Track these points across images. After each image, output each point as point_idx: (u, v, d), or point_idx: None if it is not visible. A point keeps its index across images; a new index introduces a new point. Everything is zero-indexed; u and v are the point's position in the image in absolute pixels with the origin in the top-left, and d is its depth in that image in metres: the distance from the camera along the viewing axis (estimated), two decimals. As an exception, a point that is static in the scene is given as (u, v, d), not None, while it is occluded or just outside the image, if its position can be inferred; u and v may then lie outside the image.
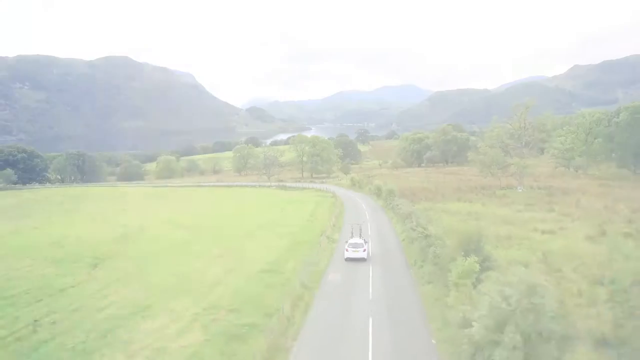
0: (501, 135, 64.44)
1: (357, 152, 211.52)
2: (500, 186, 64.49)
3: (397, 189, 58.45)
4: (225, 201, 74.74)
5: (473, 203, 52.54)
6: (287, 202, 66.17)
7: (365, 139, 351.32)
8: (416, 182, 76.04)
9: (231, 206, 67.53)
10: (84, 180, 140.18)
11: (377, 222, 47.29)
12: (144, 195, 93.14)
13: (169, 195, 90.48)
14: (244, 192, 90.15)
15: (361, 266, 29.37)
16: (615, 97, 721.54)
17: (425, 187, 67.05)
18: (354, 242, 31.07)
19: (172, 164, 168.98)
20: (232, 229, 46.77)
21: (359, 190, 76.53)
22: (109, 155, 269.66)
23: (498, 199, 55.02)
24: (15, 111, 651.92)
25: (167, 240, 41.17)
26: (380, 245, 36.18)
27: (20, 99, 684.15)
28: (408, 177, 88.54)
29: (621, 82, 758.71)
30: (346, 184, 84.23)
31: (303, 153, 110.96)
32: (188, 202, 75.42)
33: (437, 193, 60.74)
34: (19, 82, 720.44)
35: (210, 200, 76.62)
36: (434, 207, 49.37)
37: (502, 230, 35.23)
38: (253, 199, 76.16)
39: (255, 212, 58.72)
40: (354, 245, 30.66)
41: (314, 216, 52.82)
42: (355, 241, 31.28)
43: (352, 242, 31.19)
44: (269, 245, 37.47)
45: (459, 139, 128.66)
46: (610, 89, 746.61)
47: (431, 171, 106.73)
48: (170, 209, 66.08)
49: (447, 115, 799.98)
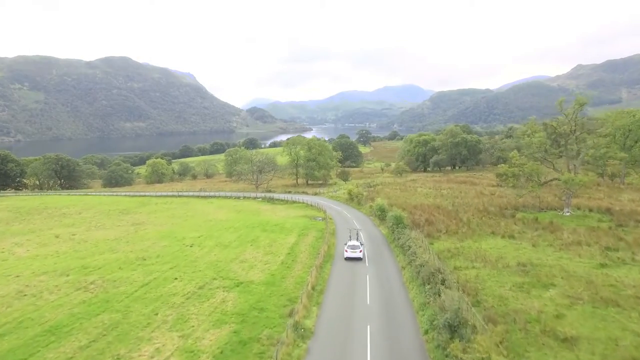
0: (544, 143, 48.30)
1: (358, 154, 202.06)
2: (539, 206, 51.64)
3: (404, 211, 46.02)
4: (183, 225, 56.31)
5: (517, 240, 37.69)
6: (263, 229, 50.02)
7: (366, 139, 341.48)
8: (427, 196, 63.76)
9: (181, 236, 48.69)
10: (64, 186, 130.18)
11: (380, 280, 31.50)
12: (91, 209, 74.38)
13: (116, 213, 69.25)
14: (220, 206, 72.41)
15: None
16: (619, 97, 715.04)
17: (439, 205, 54.26)
18: (352, 244, 37.39)
19: (161, 167, 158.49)
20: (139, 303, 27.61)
21: (357, 207, 63.01)
22: (101, 158, 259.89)
23: (549, 232, 39.69)
24: (14, 112, 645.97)
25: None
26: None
27: (19, 100, 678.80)
28: (415, 186, 77.12)
29: (625, 81, 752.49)
30: (343, 197, 71.58)
31: (297, 157, 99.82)
32: (130, 230, 54.46)
33: (459, 219, 45.86)
34: (17, 83, 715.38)
35: (164, 225, 56.91)
36: (462, 249, 35.44)
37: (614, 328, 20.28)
38: (222, 220, 58.57)
39: (205, 253, 40.29)
40: (352, 247, 36.91)
41: (287, 265, 35.62)
42: (353, 243, 37.64)
43: (351, 244, 37.57)
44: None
45: (469, 142, 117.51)
46: (614, 89, 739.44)
47: (440, 178, 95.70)
48: (89, 241, 48.22)
49: (449, 115, 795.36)
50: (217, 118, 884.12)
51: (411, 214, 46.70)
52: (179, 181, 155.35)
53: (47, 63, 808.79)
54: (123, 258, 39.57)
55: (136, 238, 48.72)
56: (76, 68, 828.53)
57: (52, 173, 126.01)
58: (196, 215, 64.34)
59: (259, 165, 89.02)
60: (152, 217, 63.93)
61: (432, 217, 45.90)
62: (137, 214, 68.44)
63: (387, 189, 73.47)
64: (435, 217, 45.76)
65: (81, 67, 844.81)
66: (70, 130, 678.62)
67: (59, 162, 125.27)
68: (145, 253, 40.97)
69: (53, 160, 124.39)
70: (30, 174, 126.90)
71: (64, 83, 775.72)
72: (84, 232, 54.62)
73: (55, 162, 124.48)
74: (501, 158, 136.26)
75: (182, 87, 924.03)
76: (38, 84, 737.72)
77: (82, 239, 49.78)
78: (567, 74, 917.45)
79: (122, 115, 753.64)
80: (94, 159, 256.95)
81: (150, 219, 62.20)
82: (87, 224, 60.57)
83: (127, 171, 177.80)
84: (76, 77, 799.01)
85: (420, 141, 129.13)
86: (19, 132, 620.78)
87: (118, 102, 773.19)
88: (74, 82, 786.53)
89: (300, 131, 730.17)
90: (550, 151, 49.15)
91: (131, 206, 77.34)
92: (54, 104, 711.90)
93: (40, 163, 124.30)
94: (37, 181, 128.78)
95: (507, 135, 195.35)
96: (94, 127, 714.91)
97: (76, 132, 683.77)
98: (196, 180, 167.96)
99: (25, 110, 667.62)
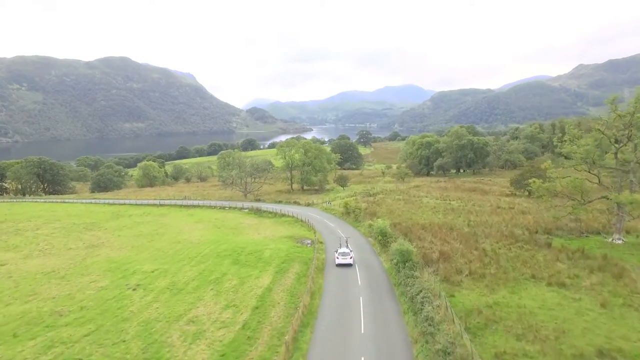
0: (591, 152, 38.33)
1: (358, 156, 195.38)
2: (579, 229, 43.37)
3: (411, 234, 38.49)
4: (144, 249, 47.61)
5: (571, 292, 27.72)
6: (234, 260, 40.52)
7: (367, 140, 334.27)
8: (435, 210, 56.06)
9: (132, 269, 40.06)
10: (47, 191, 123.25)
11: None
12: (53, 224, 65.35)
13: (79, 229, 60.67)
14: (200, 220, 64.15)
15: None
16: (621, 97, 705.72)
17: (452, 226, 45.69)
18: (342, 252, 38.79)
19: (153, 170, 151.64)
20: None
21: (354, 224, 54.61)
22: (95, 159, 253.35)
23: (611, 276, 30.12)
24: (12, 112, 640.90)
25: None
26: None
27: (17, 100, 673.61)
28: (420, 195, 69.85)
29: (628, 81, 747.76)
30: (338, 211, 63.31)
31: (292, 161, 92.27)
32: (78, 257, 45.51)
33: (482, 249, 36.90)
34: (16, 83, 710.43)
35: (122, 250, 48.14)
36: (497, 308, 25.79)
37: None
38: (193, 242, 49.61)
39: (147, 303, 31.26)
40: (343, 254, 38.43)
41: (249, 332, 25.63)
42: (343, 250, 38.98)
43: (341, 251, 38.92)
44: None
45: (475, 144, 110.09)
46: (616, 89, 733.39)
47: (446, 184, 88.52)
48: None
49: (450, 116, 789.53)
50: (217, 118, 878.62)
51: (420, 241, 39.03)
52: (170, 185, 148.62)
53: (45, 63, 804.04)
54: (33, 312, 29.80)
55: (77, 271, 39.77)
56: (75, 68, 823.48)
57: (35, 177, 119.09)
58: (167, 233, 56.08)
59: (249, 170, 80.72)
60: (115, 236, 55.45)
61: (446, 245, 37.59)
62: (101, 230, 60.29)
63: (389, 199, 66.22)
64: (451, 246, 37.20)
65: (80, 67, 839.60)
66: (68, 131, 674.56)
67: (42, 166, 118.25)
68: (69, 302, 31.83)
69: (35, 163, 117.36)
70: (11, 177, 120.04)
71: (63, 83, 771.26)
72: (21, 259, 44.79)
73: (37, 166, 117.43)
74: (509, 161, 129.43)
75: (181, 88, 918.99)
76: (36, 85, 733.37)
77: (7, 273, 39.84)
78: (569, 74, 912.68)
79: (121, 116, 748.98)
80: (88, 161, 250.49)
81: (112, 240, 53.59)
82: (35, 245, 51.41)
83: (120, 173, 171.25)
84: (75, 78, 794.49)
85: (423, 143, 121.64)
86: (17, 132, 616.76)
87: (117, 102, 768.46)
88: (73, 83, 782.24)
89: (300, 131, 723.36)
90: (599, 163, 39.26)
91: (101, 219, 69.07)
92: (53, 105, 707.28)
93: (21, 166, 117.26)
94: (20, 185, 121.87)
95: (513, 137, 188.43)
96: (93, 127, 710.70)
97: (74, 132, 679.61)
98: (189, 183, 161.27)
99: (23, 110, 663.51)
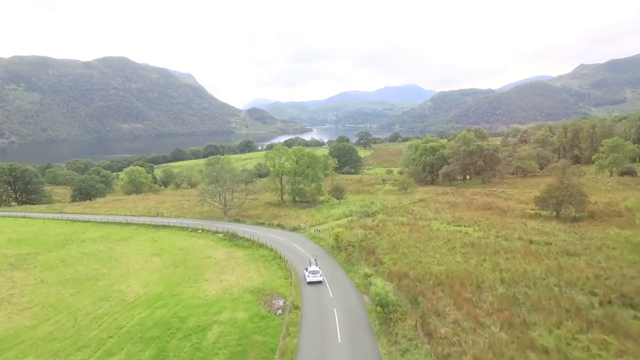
0: None
1: (357, 159, 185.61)
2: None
3: (425, 299, 28.98)
4: (49, 318, 34.34)
5: None
6: (160, 349, 27.95)
7: (367, 142, 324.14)
8: (450, 246, 45.36)
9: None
10: (20, 201, 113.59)
11: None
12: None
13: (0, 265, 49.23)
14: (158, 251, 52.91)
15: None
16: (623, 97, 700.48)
17: (480, 278, 34.45)
18: (312, 270, 39.73)
19: (139, 176, 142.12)
20: None
21: (345, 267, 43.23)
22: (85, 162, 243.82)
23: None
24: (8, 113, 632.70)
25: None
26: None
27: (14, 101, 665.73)
28: (427, 215, 59.11)
29: (629, 81, 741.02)
30: (328, 242, 51.32)
31: (282, 171, 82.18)
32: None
33: (539, 346, 24.16)
34: (13, 83, 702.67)
35: (21, 315, 35.22)
36: None
37: None
38: (126, 300, 37.41)
39: None
40: (313, 272, 39.40)
41: None
42: (313, 269, 39.88)
43: (311, 269, 39.85)
44: None
45: (485, 150, 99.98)
46: (618, 88, 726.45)
47: (454, 197, 78.55)
48: None
49: (451, 116, 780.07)
50: (216, 119, 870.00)
51: (438, 317, 27.67)
52: (156, 192, 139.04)
53: (43, 63, 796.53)
54: None
55: None
56: (73, 68, 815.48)
57: (5, 185, 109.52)
58: (108, 274, 44.68)
59: (228, 185, 69.81)
60: (36, 282, 43.13)
61: (479, 330, 24.59)
62: (30, 267, 47.92)
63: (391, 222, 56.39)
64: (489, 336, 24.19)
65: (78, 67, 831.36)
66: (65, 131, 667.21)
67: (13, 173, 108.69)
68: None
69: (5, 170, 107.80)
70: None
71: (60, 84, 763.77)
72: None
73: (8, 173, 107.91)
74: (520, 168, 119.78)
75: (180, 88, 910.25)
76: (34, 85, 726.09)
77: None
78: (570, 74, 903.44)
79: (119, 116, 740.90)
80: (78, 164, 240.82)
81: (26, 289, 41.18)
82: None
83: (107, 179, 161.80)
84: (73, 78, 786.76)
85: (427, 148, 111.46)
86: (13, 133, 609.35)
87: (115, 102, 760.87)
88: (71, 83, 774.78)
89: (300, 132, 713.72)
90: None
91: (44, 247, 56.97)
92: (50, 105, 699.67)
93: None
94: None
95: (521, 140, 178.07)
96: (90, 128, 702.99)
97: (72, 133, 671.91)
98: (178, 189, 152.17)
99: (20, 111, 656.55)
